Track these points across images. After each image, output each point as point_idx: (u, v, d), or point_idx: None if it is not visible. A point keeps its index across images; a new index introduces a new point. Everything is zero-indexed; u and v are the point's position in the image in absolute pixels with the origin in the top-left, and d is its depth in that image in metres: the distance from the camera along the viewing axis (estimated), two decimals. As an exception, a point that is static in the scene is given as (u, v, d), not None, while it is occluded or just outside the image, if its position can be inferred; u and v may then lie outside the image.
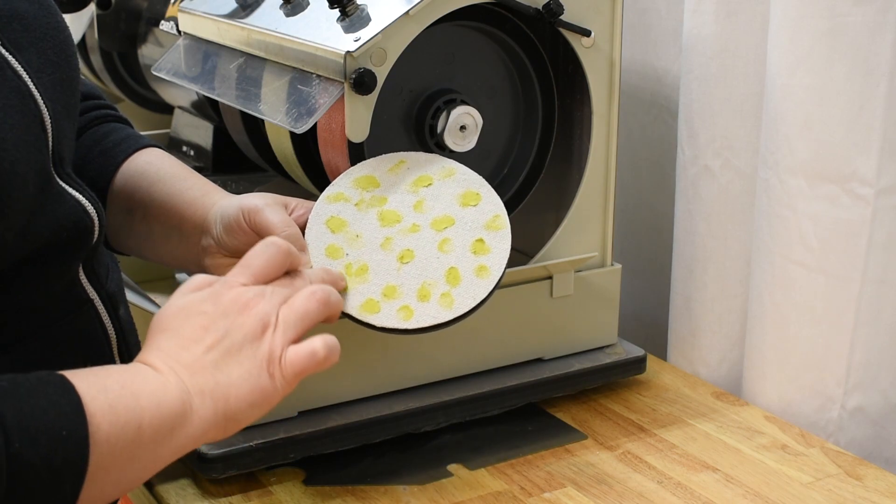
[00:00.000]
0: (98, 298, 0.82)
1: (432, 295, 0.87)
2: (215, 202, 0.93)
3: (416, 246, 0.90)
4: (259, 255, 0.79)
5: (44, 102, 0.74)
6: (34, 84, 0.74)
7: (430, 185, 0.93)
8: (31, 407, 0.64)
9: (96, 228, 0.79)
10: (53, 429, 0.64)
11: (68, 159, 0.80)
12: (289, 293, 0.77)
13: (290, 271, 0.81)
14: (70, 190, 0.77)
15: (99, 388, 0.68)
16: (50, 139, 0.75)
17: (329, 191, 0.93)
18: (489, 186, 0.93)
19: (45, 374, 0.67)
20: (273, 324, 0.75)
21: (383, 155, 0.95)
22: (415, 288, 0.87)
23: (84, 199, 0.78)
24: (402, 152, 0.96)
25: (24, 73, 0.74)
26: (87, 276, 0.81)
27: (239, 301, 0.75)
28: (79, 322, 0.80)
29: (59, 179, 0.77)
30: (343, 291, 0.87)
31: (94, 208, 0.79)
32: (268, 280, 0.79)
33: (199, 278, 0.78)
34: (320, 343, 0.74)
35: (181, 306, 0.76)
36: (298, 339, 0.76)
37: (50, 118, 0.75)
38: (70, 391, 0.66)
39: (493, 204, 0.92)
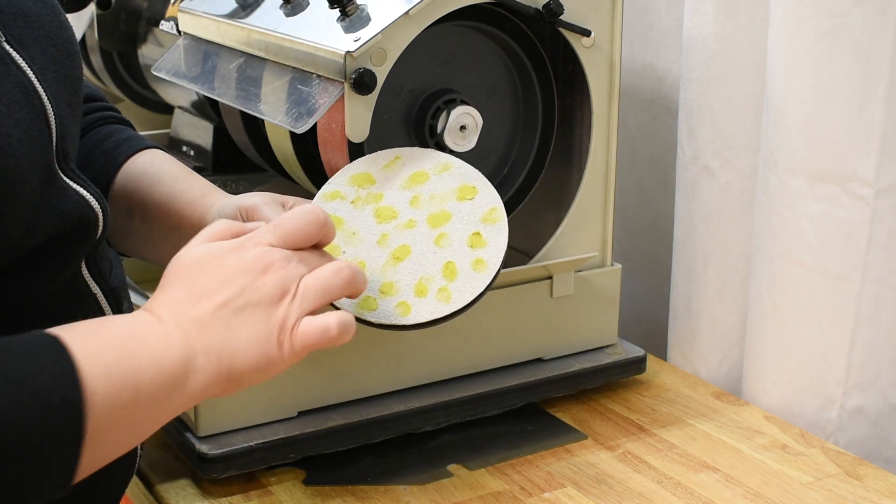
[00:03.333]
0: (101, 293, 0.82)
1: (429, 290, 0.87)
2: (214, 202, 0.93)
3: (413, 241, 0.90)
4: (294, 220, 0.76)
5: (48, 98, 0.75)
6: (38, 80, 0.74)
7: (426, 180, 0.93)
8: (24, 373, 0.63)
9: (100, 223, 0.79)
10: (47, 396, 0.63)
11: (72, 155, 0.80)
12: (315, 265, 0.75)
13: (320, 245, 0.78)
14: (74, 185, 0.78)
15: (95, 348, 0.66)
16: (54, 135, 0.75)
17: (325, 189, 0.93)
18: (485, 179, 0.93)
19: (39, 334, 0.66)
20: (293, 292, 0.72)
21: (379, 151, 0.95)
22: (412, 284, 0.87)
23: (88, 194, 0.78)
24: (397, 148, 0.95)
25: (29, 69, 0.74)
26: (89, 270, 0.81)
27: (262, 261, 0.73)
28: (81, 316, 0.80)
29: (62, 175, 0.77)
30: None
31: (99, 203, 0.79)
32: (296, 247, 0.76)
33: (223, 224, 0.76)
34: (335, 320, 0.72)
35: (201, 255, 0.73)
36: (315, 312, 0.74)
37: (54, 114, 0.75)
38: (63, 354, 0.64)
39: (489, 197, 0.92)
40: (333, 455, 1.01)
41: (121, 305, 0.84)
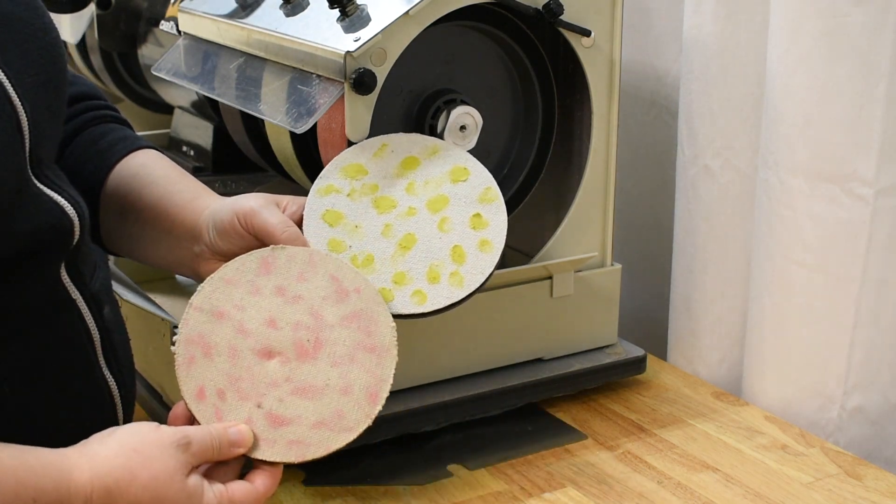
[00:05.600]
0: (81, 298, 0.81)
1: (441, 276, 0.88)
2: (206, 206, 0.92)
3: (417, 229, 0.90)
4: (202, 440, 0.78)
5: (22, 104, 0.74)
6: (13, 85, 0.73)
7: (417, 165, 0.93)
8: None
9: (76, 229, 0.78)
10: None
11: (48, 161, 0.79)
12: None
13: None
14: (48, 191, 0.76)
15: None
16: (27, 141, 0.74)
17: (319, 184, 0.92)
18: (474, 159, 0.94)
19: None
20: None
21: (365, 140, 0.95)
22: (423, 271, 0.88)
23: (63, 199, 0.77)
24: (382, 135, 0.95)
25: (3, 73, 0.73)
26: (70, 275, 0.80)
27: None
28: (60, 322, 0.80)
29: (36, 181, 0.76)
30: None
31: (75, 209, 0.78)
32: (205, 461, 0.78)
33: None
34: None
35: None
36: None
37: (28, 120, 0.74)
38: None
39: (481, 177, 0.93)
40: (333, 455, 1.01)
41: (101, 310, 0.83)
